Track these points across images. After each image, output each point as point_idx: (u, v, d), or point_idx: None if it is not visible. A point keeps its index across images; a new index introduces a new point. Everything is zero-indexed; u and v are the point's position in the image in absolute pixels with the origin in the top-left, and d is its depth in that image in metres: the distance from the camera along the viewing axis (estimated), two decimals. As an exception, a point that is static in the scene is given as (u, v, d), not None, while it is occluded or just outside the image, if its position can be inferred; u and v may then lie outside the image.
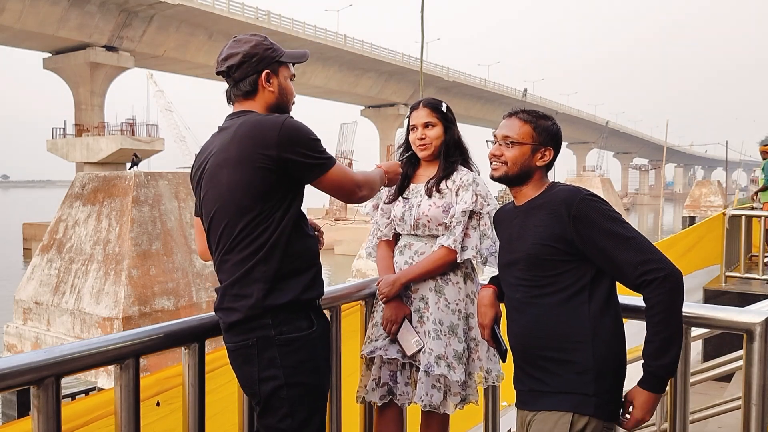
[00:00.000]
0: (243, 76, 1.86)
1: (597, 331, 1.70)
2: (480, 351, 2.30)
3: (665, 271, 1.64)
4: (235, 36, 1.92)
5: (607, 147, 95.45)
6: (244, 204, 1.74)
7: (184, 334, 1.78)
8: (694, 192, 25.07)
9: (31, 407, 1.46)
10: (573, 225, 1.70)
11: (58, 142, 39.42)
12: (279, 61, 1.89)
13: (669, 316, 1.64)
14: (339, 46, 48.98)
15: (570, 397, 1.69)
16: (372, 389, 2.29)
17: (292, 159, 1.73)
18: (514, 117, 1.88)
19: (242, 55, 1.85)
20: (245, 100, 1.88)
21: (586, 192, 1.76)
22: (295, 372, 1.74)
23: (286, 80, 1.92)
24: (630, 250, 1.67)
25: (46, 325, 11.29)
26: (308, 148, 1.76)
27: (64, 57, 39.07)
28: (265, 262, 1.73)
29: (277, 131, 1.73)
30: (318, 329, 1.81)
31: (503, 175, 1.86)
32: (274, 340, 1.73)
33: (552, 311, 1.74)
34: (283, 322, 1.74)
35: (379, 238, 2.46)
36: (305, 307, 1.79)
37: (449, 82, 59.64)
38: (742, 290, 6.89)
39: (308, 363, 1.77)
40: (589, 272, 1.73)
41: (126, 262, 10.48)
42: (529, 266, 1.78)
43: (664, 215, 43.49)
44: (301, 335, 1.76)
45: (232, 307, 1.74)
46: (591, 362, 1.68)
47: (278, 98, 1.90)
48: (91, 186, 11.55)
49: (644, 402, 1.68)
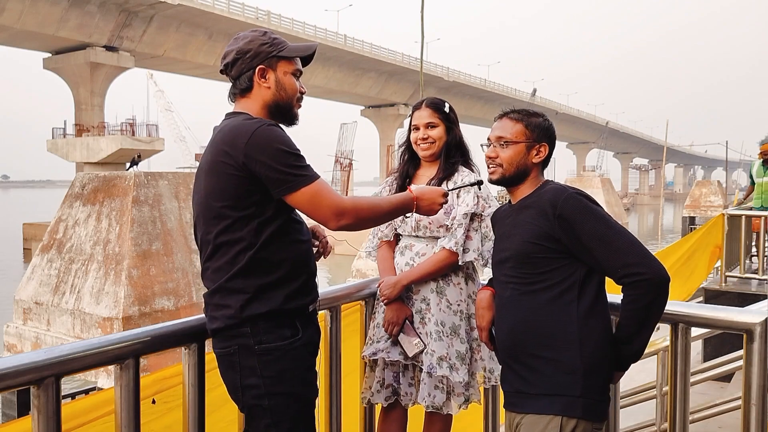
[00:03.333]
0: (238, 73, 1.81)
1: (585, 329, 1.70)
2: (482, 351, 2.30)
3: (647, 274, 1.64)
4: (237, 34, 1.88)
5: (607, 147, 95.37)
6: (219, 211, 1.70)
7: (184, 334, 1.78)
8: (694, 192, 25.07)
9: (31, 407, 1.46)
10: (558, 224, 1.71)
11: (58, 142, 39.40)
12: (278, 56, 1.81)
13: (640, 314, 1.66)
14: (339, 46, 48.95)
15: (558, 399, 1.68)
16: (377, 391, 2.29)
17: (256, 169, 1.65)
18: (505, 118, 1.89)
19: (236, 51, 1.80)
20: (242, 98, 1.83)
21: (573, 190, 1.76)
22: (276, 381, 1.69)
23: (285, 76, 1.83)
24: (614, 251, 1.67)
25: (46, 325, 11.28)
26: (275, 160, 1.65)
27: (64, 57, 39.05)
28: (243, 272, 1.69)
29: (247, 138, 1.65)
30: (303, 337, 1.74)
31: (501, 177, 1.87)
32: (254, 349, 1.68)
33: (540, 309, 1.74)
34: (263, 331, 1.69)
35: (380, 239, 2.46)
36: (290, 315, 1.73)
37: (449, 82, 59.62)
38: (742, 290, 6.89)
39: (291, 372, 1.71)
40: (578, 270, 1.73)
41: (126, 262, 10.47)
42: (518, 264, 1.79)
43: (664, 215, 43.47)
44: (283, 344, 1.70)
45: (214, 315, 1.73)
46: (578, 361, 1.68)
47: (276, 95, 1.82)
48: (91, 186, 11.53)
49: None
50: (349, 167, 45.84)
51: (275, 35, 1.84)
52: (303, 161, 1.69)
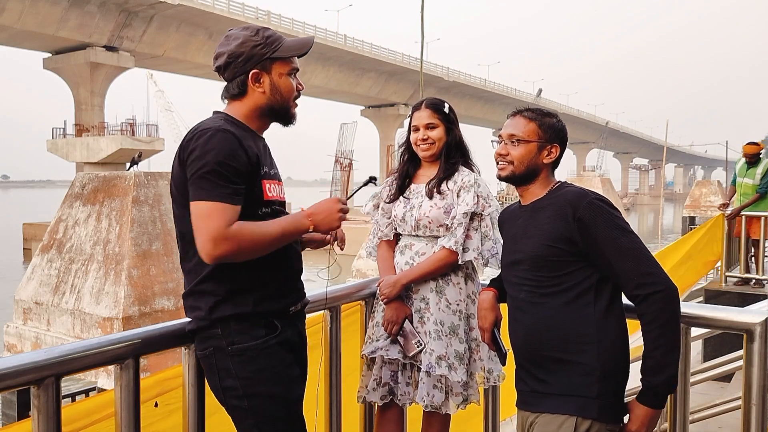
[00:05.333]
0: (231, 77, 1.74)
1: (602, 332, 1.69)
2: (481, 351, 2.30)
3: (661, 285, 1.64)
4: (229, 30, 1.79)
5: (607, 147, 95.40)
6: (178, 212, 1.70)
7: (183, 334, 1.77)
8: (694, 192, 25.04)
9: (31, 407, 1.46)
10: (577, 227, 1.69)
11: (58, 142, 39.41)
12: (272, 58, 1.74)
13: (665, 332, 1.63)
14: (339, 46, 48.96)
15: (573, 399, 1.68)
16: (373, 389, 2.29)
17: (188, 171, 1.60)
18: (518, 116, 1.87)
19: (227, 54, 1.73)
20: (233, 101, 1.77)
21: (595, 195, 1.75)
22: (254, 382, 1.66)
23: (281, 78, 1.76)
24: (629, 261, 1.66)
25: (46, 325, 11.27)
26: (194, 165, 1.58)
27: (64, 57, 39.07)
28: (212, 276, 1.66)
29: (188, 139, 1.63)
30: (280, 336, 1.69)
31: (510, 175, 1.84)
32: (227, 351, 1.65)
33: (557, 312, 1.73)
34: (235, 332, 1.65)
35: (380, 238, 2.46)
36: (265, 316, 1.69)
37: (449, 82, 59.61)
38: (742, 290, 6.90)
39: (268, 372, 1.67)
40: (594, 273, 1.72)
41: (126, 262, 10.46)
42: (534, 267, 1.77)
43: (664, 215, 43.48)
44: (256, 344, 1.66)
45: (189, 317, 1.72)
46: (596, 363, 1.68)
47: (270, 99, 1.75)
48: (91, 186, 11.53)
49: (640, 416, 1.66)
50: (349, 167, 45.80)
51: (269, 32, 1.76)
52: (219, 177, 1.57)
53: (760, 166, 7.37)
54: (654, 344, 1.63)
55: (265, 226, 1.63)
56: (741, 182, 7.54)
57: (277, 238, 1.65)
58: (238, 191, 1.60)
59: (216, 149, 1.58)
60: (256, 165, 1.67)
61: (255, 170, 1.67)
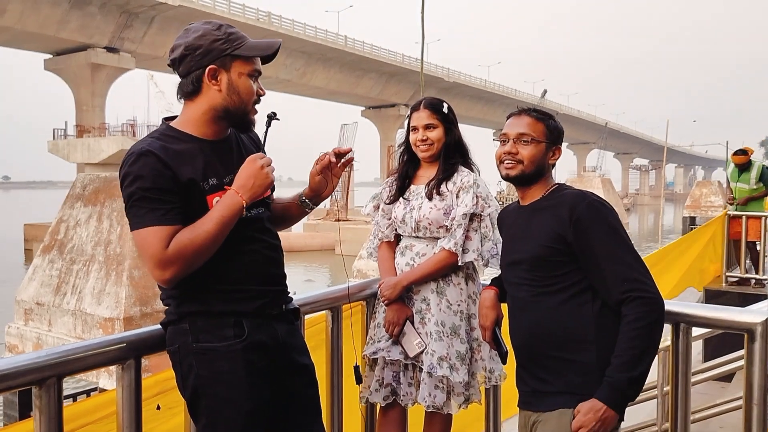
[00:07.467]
0: (186, 72, 1.61)
1: (601, 331, 1.70)
2: (483, 351, 2.30)
3: (650, 294, 1.64)
4: (189, 24, 1.68)
5: (608, 147, 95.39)
6: None
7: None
8: (694, 192, 24.99)
9: (33, 408, 1.46)
10: (574, 228, 1.70)
11: (59, 143, 39.45)
12: (233, 55, 1.60)
13: (642, 335, 1.62)
14: (340, 47, 48.96)
15: (574, 397, 1.68)
16: (375, 390, 2.29)
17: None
18: (525, 115, 1.86)
19: (184, 47, 1.60)
20: (188, 101, 1.64)
21: (594, 197, 1.75)
22: (211, 383, 1.60)
23: (241, 78, 1.61)
24: (621, 265, 1.67)
25: (48, 326, 11.26)
26: (124, 194, 1.54)
27: (65, 58, 39.13)
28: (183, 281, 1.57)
29: (121, 165, 1.56)
30: (247, 340, 1.61)
31: (520, 174, 1.83)
32: (192, 347, 1.60)
33: (556, 311, 1.73)
34: (202, 330, 1.60)
35: (381, 239, 2.46)
36: (234, 315, 1.63)
37: (450, 83, 59.61)
38: (743, 290, 6.89)
39: (228, 375, 1.60)
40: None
41: (127, 263, 10.45)
42: (533, 266, 1.78)
43: (665, 215, 43.45)
44: (220, 346, 1.60)
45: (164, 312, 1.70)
46: (595, 362, 1.68)
47: (227, 99, 1.61)
48: (92, 187, 11.51)
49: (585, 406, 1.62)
50: (349, 168, 45.85)
51: (232, 29, 1.64)
52: (148, 201, 1.51)
53: (753, 170, 7.73)
54: (628, 344, 1.62)
55: (201, 225, 1.55)
56: (735, 186, 7.92)
57: (218, 229, 1.55)
58: (171, 209, 1.53)
59: (137, 175, 1.52)
60: (191, 183, 1.57)
61: (193, 188, 1.57)
